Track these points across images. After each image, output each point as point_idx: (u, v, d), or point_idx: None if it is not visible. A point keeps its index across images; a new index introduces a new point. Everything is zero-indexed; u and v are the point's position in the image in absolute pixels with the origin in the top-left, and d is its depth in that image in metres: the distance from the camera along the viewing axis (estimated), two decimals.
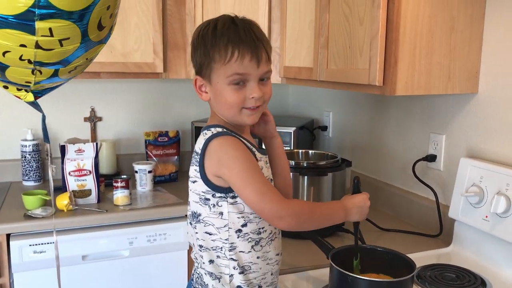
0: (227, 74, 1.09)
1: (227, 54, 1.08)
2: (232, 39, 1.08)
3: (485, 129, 1.54)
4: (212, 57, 1.09)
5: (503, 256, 1.38)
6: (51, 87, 1.11)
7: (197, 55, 1.13)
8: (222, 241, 1.12)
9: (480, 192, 1.43)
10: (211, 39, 1.09)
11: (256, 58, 1.08)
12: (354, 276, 1.12)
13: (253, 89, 1.10)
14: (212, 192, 1.11)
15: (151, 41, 2.19)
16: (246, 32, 1.09)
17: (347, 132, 2.29)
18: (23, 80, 0.98)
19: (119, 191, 1.98)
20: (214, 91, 1.13)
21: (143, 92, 2.61)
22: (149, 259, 1.98)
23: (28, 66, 0.92)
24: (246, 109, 1.12)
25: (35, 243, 1.79)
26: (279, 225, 1.09)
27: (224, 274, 1.13)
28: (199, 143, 1.14)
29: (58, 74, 0.99)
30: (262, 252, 1.16)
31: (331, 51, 1.65)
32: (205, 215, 1.13)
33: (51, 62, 0.93)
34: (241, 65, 1.08)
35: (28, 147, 2.27)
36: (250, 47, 1.08)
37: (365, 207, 1.19)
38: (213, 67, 1.10)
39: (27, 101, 1.08)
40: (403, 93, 1.41)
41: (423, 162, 1.76)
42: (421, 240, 1.66)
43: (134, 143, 2.60)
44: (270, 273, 1.19)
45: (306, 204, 1.17)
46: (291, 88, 2.88)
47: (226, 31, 1.09)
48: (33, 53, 0.88)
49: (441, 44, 1.44)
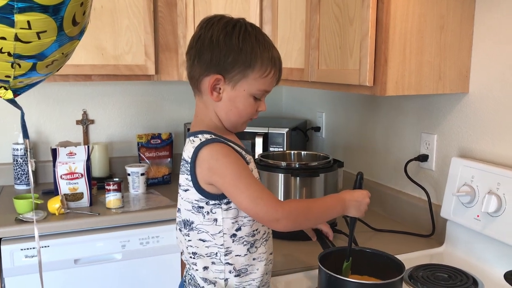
0: (259, 88, 1.12)
1: (267, 70, 1.11)
2: (273, 57, 1.12)
3: (476, 128, 1.54)
4: (253, 66, 1.09)
5: (495, 256, 1.38)
6: (30, 84, 1.12)
7: (229, 56, 1.08)
8: (217, 246, 1.12)
9: (472, 192, 1.43)
10: (255, 48, 1.09)
11: (278, 80, 1.17)
12: (341, 278, 1.12)
13: (263, 105, 1.18)
14: (205, 200, 1.10)
15: (143, 43, 2.18)
16: (278, 53, 1.15)
17: (340, 133, 2.29)
18: (3, 75, 1.00)
19: (111, 194, 1.98)
20: (233, 96, 1.12)
21: (135, 94, 2.60)
22: (142, 262, 1.97)
23: (8, 59, 0.94)
24: (249, 119, 1.17)
25: (27, 247, 1.78)
26: (276, 227, 1.09)
27: (219, 279, 1.13)
28: (187, 151, 1.12)
29: (36, 68, 1.01)
30: (258, 253, 1.15)
31: (322, 52, 1.65)
32: (198, 222, 1.12)
33: (29, 55, 0.96)
34: (271, 84, 1.14)
35: (20, 150, 2.26)
36: (280, 70, 1.16)
37: (363, 202, 1.18)
38: (248, 75, 1.10)
39: (6, 98, 1.10)
40: (393, 93, 1.41)
41: (415, 162, 1.76)
42: (414, 240, 1.66)
43: (127, 145, 2.59)
44: (265, 273, 1.19)
45: (301, 203, 1.16)
46: (284, 89, 2.87)
47: (268, 45, 1.12)
48: (13, 46, 0.91)
49: (431, 43, 1.44)
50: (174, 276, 2.02)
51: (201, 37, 1.11)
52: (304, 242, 1.54)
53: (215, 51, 1.08)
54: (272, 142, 2.22)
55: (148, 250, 1.96)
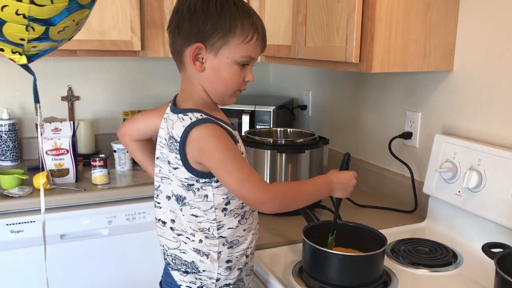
0: (242, 53, 1.09)
1: (249, 35, 1.08)
2: (255, 23, 1.09)
3: (459, 106, 1.56)
4: (233, 31, 1.06)
5: (475, 230, 1.42)
6: (44, 51, 1.15)
7: (208, 22, 1.06)
8: (209, 221, 1.12)
9: (454, 168, 1.46)
10: (234, 12, 1.06)
11: (263, 48, 1.14)
12: (325, 250, 1.14)
13: (250, 74, 1.14)
14: (195, 178, 1.10)
15: (128, 19, 2.16)
16: (261, 20, 1.13)
17: (326, 111, 2.31)
18: (18, 37, 1.04)
19: (97, 170, 1.97)
20: (216, 65, 1.09)
21: (121, 71, 2.58)
22: (129, 237, 1.98)
23: (23, 21, 0.99)
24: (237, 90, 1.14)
25: (12, 222, 1.78)
26: (262, 209, 1.09)
27: (212, 252, 1.14)
28: (176, 129, 1.09)
29: (49, 33, 1.05)
30: (248, 224, 1.18)
31: (309, 29, 1.65)
32: (190, 199, 1.12)
33: (42, 19, 1.00)
34: (255, 50, 1.11)
35: (4, 126, 2.24)
36: (264, 37, 1.13)
37: (350, 184, 1.18)
38: (229, 41, 1.07)
39: (20, 63, 1.13)
40: (379, 70, 1.42)
41: (399, 139, 1.78)
42: (397, 216, 1.69)
43: (113, 122, 2.58)
44: (255, 242, 1.22)
45: (288, 186, 1.17)
46: (271, 67, 2.87)
47: (249, 11, 1.10)
48: (28, 8, 0.96)
49: (417, 21, 1.45)
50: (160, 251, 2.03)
51: (179, 9, 1.10)
52: (289, 217, 1.57)
53: (193, 19, 1.07)
54: (258, 120, 2.23)
55: (134, 225, 1.97)
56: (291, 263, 1.30)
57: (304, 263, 1.23)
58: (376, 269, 1.16)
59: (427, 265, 1.30)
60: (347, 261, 1.14)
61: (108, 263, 1.97)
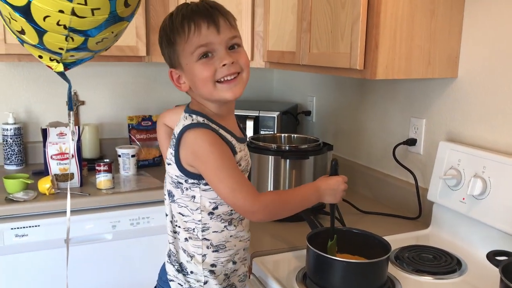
0: (191, 50, 1.07)
1: (185, 31, 1.07)
2: (185, 15, 1.08)
3: (463, 113, 1.56)
4: (174, 41, 1.09)
5: (479, 237, 1.41)
6: (81, 59, 1.18)
7: (163, 48, 1.14)
8: (195, 222, 1.14)
9: (458, 175, 1.46)
10: (169, 24, 1.10)
11: (214, 24, 1.07)
12: (329, 257, 1.15)
13: (222, 57, 1.08)
14: (184, 177, 1.12)
15: (134, 24, 2.17)
16: (198, 5, 1.10)
17: (330, 117, 2.31)
18: (57, 47, 1.08)
19: (102, 175, 1.98)
20: (188, 75, 1.12)
21: (126, 76, 2.59)
22: (132, 242, 1.99)
23: (63, 32, 1.02)
24: (220, 83, 1.09)
25: (17, 226, 1.79)
26: (252, 218, 1.12)
27: (197, 254, 1.15)
28: (178, 127, 1.13)
29: (87, 44, 1.09)
30: (236, 231, 1.18)
31: (313, 35, 1.66)
32: (178, 197, 1.15)
33: (82, 30, 1.03)
34: (200, 36, 1.06)
35: (10, 130, 2.25)
36: (204, 16, 1.07)
37: (339, 190, 1.19)
38: (177, 50, 1.09)
39: (57, 71, 1.17)
40: (383, 77, 1.43)
41: (403, 146, 1.78)
42: (401, 223, 1.69)
43: (117, 127, 2.59)
44: (243, 249, 1.22)
45: (277, 195, 1.18)
46: (276, 73, 2.88)
47: (179, 11, 1.10)
48: (69, 19, 1.00)
49: (421, 28, 1.45)
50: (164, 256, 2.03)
51: None
52: (292, 223, 1.57)
53: (162, 51, 1.16)
54: (263, 125, 2.24)
55: (138, 230, 1.98)
56: (295, 270, 1.30)
57: (308, 269, 1.23)
58: (380, 276, 1.16)
59: (431, 272, 1.29)
60: (351, 267, 1.14)
61: (112, 268, 1.98)
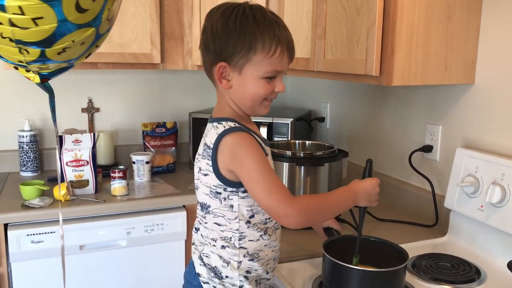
0: (266, 69, 1.09)
1: (271, 49, 1.08)
2: (277, 35, 1.08)
3: (481, 119, 1.54)
4: (254, 48, 1.07)
5: (498, 246, 1.39)
6: (60, 69, 1.11)
7: (229, 42, 1.08)
8: (232, 231, 1.14)
9: (476, 182, 1.43)
10: (254, 29, 1.07)
11: (291, 57, 1.13)
12: (346, 265, 1.13)
13: (280, 84, 1.14)
14: (223, 186, 1.12)
15: (148, 32, 2.18)
16: (285, 29, 1.12)
17: (345, 123, 2.30)
18: (16, 59, 1.00)
19: (117, 182, 1.99)
20: (241, 81, 1.11)
21: (140, 83, 2.60)
22: (147, 249, 1.99)
23: (11, 44, 0.93)
24: (266, 100, 1.14)
25: (33, 232, 1.80)
26: (287, 223, 1.08)
27: (233, 261, 1.15)
28: (210, 136, 1.13)
29: (47, 55, 0.99)
30: (270, 241, 1.18)
31: (328, 42, 1.65)
32: (215, 207, 1.15)
33: (32, 42, 0.94)
34: (280, 62, 1.10)
35: (26, 137, 2.27)
36: (289, 46, 1.11)
37: (373, 193, 1.18)
38: (251, 58, 1.08)
39: (35, 82, 1.12)
40: (399, 83, 1.41)
41: (419, 152, 1.76)
42: (417, 230, 1.67)
43: (132, 134, 2.61)
44: (273, 259, 1.22)
45: (313, 199, 1.16)
46: (289, 79, 2.87)
47: (269, 24, 1.08)
48: (11, 31, 0.90)
49: (437, 34, 1.44)
50: (178, 263, 2.04)
51: (205, 29, 1.13)
52: (309, 231, 1.55)
53: (216, 40, 1.10)
54: (276, 132, 2.23)
55: (152, 237, 1.98)
56: (311, 278, 1.29)
57: (324, 278, 1.21)
58: (397, 285, 1.15)
59: (449, 281, 1.27)
60: (368, 276, 1.13)
61: (126, 274, 1.98)
